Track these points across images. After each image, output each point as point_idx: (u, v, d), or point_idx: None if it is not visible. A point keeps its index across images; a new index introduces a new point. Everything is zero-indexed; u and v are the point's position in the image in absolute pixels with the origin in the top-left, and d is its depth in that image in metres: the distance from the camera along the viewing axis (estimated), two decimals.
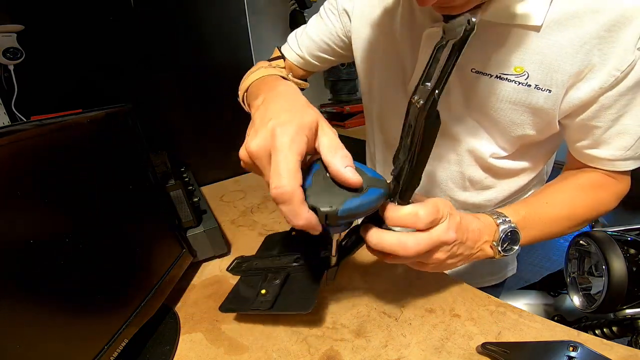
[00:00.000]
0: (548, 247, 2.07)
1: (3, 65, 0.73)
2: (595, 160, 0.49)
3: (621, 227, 0.84)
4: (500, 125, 0.49)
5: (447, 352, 0.43)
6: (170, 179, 0.64)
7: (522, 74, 0.44)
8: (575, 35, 0.41)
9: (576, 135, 0.49)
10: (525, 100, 0.46)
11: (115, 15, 0.83)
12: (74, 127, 0.43)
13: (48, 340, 0.35)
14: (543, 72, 0.43)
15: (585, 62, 0.41)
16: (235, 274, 0.60)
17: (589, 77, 0.42)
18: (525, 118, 0.48)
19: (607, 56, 0.40)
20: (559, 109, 0.45)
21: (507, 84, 0.45)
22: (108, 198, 0.46)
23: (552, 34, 0.42)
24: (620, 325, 0.76)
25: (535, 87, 0.44)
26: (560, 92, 0.44)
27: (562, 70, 0.42)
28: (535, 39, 0.42)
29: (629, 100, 0.42)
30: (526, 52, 0.43)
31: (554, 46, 0.42)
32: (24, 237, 0.34)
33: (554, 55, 0.42)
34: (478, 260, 0.65)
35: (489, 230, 0.43)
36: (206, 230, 0.66)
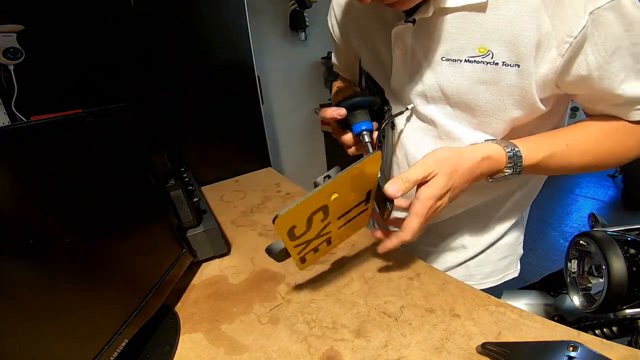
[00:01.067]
0: (548, 247, 2.07)
1: (3, 65, 0.73)
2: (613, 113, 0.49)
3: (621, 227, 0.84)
4: (482, 110, 0.49)
5: (447, 352, 0.43)
6: (170, 179, 0.64)
7: (487, 53, 0.45)
8: (520, 6, 0.42)
9: (583, 103, 0.50)
10: (497, 79, 0.46)
11: (115, 15, 0.83)
12: (74, 127, 0.43)
13: (48, 340, 0.35)
14: (505, 48, 0.44)
15: (539, 31, 0.42)
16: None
17: (549, 46, 0.43)
18: (504, 99, 0.48)
19: (556, 23, 0.41)
20: (535, 84, 0.45)
21: (476, 65, 0.46)
22: (108, 198, 0.46)
23: (500, 8, 0.43)
24: (620, 325, 0.76)
25: (504, 64, 0.45)
26: (529, 65, 0.44)
27: (522, 43, 0.43)
28: (489, 17, 0.44)
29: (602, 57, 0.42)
30: (485, 32, 0.45)
31: (505, 20, 0.43)
32: (24, 237, 0.34)
33: (509, 29, 0.43)
34: (478, 263, 0.65)
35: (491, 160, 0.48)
36: (206, 230, 0.66)
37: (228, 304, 0.57)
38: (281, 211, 0.42)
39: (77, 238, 0.39)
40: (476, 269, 0.66)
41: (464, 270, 0.66)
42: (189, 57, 0.98)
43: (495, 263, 0.66)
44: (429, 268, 0.59)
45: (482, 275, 0.66)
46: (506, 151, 0.48)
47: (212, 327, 0.53)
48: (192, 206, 0.66)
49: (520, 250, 0.69)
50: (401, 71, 0.53)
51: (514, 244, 0.67)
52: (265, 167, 1.19)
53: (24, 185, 0.35)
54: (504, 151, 0.48)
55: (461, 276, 0.66)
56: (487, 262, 0.66)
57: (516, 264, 0.70)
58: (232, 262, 0.69)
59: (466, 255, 0.65)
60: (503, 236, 0.65)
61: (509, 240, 0.66)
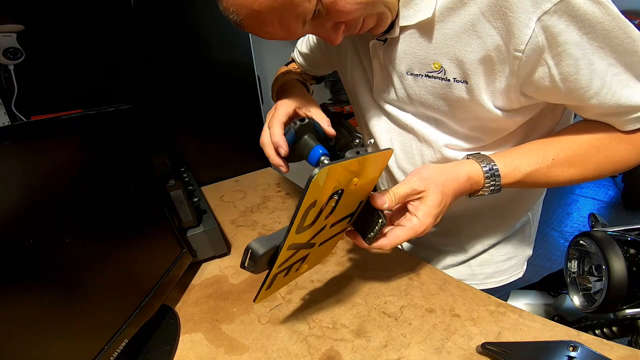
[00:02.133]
0: (548, 247, 2.07)
1: (3, 65, 0.73)
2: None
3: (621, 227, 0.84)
4: (448, 119, 0.51)
5: (447, 352, 0.43)
6: (170, 179, 0.64)
7: (440, 69, 0.46)
8: (462, 20, 0.41)
9: (571, 109, 0.49)
10: (451, 94, 0.47)
11: (115, 15, 0.83)
12: (74, 127, 0.43)
13: (48, 340, 0.35)
14: (454, 64, 0.44)
15: (484, 46, 0.41)
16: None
17: (502, 60, 0.41)
18: (463, 112, 0.48)
19: (503, 34, 0.39)
20: (492, 99, 0.45)
21: (434, 80, 0.47)
22: (108, 198, 0.46)
23: (446, 23, 0.43)
24: (620, 325, 0.76)
25: (455, 80, 0.45)
26: (478, 82, 0.44)
27: (466, 59, 0.43)
28: (438, 33, 0.44)
29: (566, 68, 0.39)
30: (437, 48, 0.45)
31: (451, 35, 0.43)
32: (24, 237, 0.34)
33: (454, 45, 0.43)
34: (481, 263, 0.65)
35: (471, 181, 0.47)
36: (206, 230, 0.66)
37: (228, 304, 0.57)
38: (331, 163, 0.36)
39: (77, 238, 0.40)
40: (479, 269, 0.66)
41: (466, 270, 0.66)
42: (189, 57, 0.97)
43: (499, 264, 0.66)
44: (429, 268, 0.59)
45: (485, 276, 0.66)
46: (484, 171, 0.46)
47: (212, 327, 0.53)
48: (192, 206, 0.66)
49: (528, 251, 0.68)
50: (380, 81, 0.55)
51: (519, 245, 0.66)
52: (265, 167, 1.19)
53: (24, 185, 0.35)
54: (482, 172, 0.46)
55: (463, 275, 0.66)
56: (490, 263, 0.65)
57: (522, 266, 0.69)
58: (232, 262, 0.69)
59: (467, 255, 0.65)
60: (507, 237, 0.64)
61: (513, 242, 0.65)
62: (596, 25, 0.37)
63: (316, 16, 0.40)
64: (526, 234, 0.66)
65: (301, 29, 0.41)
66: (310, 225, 0.42)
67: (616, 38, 0.37)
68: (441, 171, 0.46)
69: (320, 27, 0.43)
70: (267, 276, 0.44)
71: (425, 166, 0.47)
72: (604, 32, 0.37)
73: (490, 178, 0.46)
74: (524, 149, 0.48)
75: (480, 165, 0.46)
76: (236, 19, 0.40)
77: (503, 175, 0.46)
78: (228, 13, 0.40)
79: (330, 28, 0.43)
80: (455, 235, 0.64)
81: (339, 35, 0.44)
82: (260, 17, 0.38)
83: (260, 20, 0.39)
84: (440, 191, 0.44)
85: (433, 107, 0.50)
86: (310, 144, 0.49)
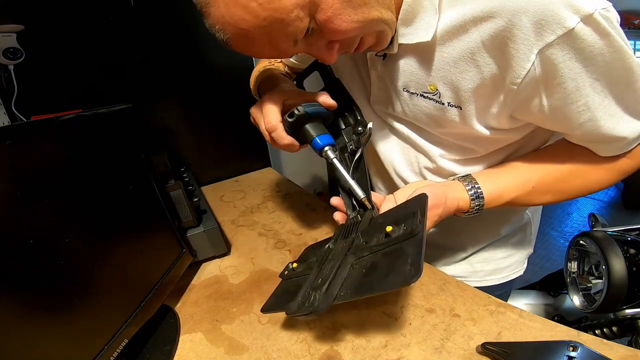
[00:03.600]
0: (548, 247, 2.07)
1: (3, 65, 0.73)
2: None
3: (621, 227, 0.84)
4: (442, 135, 0.51)
5: (447, 352, 0.43)
6: (170, 179, 0.64)
7: (435, 92, 0.46)
8: (462, 46, 0.40)
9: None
10: (444, 116, 0.47)
11: (115, 15, 0.83)
12: (74, 127, 0.43)
13: (48, 340, 0.35)
14: (449, 89, 0.44)
15: (481, 74, 0.40)
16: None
17: (496, 89, 0.41)
18: (455, 132, 0.49)
19: (501, 64, 0.38)
20: (480, 124, 0.45)
21: (429, 101, 0.47)
22: (108, 198, 0.46)
23: (446, 47, 0.42)
24: (620, 325, 0.76)
25: (449, 105, 0.45)
26: (471, 109, 0.44)
27: (462, 86, 0.42)
28: (437, 56, 0.43)
29: (558, 100, 0.39)
30: (434, 70, 0.44)
31: (449, 61, 0.42)
32: (24, 237, 0.34)
33: (452, 70, 0.42)
34: (481, 260, 0.65)
35: (459, 203, 0.49)
36: (206, 230, 0.66)
37: (228, 304, 0.57)
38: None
39: (77, 238, 0.40)
40: (479, 266, 0.66)
41: (467, 267, 0.66)
42: (189, 57, 0.97)
43: (499, 261, 0.66)
44: (429, 268, 0.59)
45: (485, 273, 0.66)
46: (470, 198, 0.49)
47: (212, 327, 0.53)
48: (192, 206, 0.66)
49: (529, 249, 0.69)
50: (378, 92, 0.54)
51: (519, 242, 0.66)
52: (265, 167, 1.19)
53: (24, 185, 0.35)
54: (468, 200, 0.49)
55: (464, 272, 0.66)
56: (491, 260, 0.65)
57: (522, 264, 0.69)
58: (232, 262, 0.69)
59: (467, 252, 0.65)
60: (507, 235, 0.64)
61: (514, 240, 0.66)
62: (597, 57, 0.35)
63: (309, 35, 0.38)
64: (527, 232, 0.67)
65: (292, 48, 0.39)
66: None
67: (615, 69, 0.37)
68: (442, 192, 0.47)
69: (313, 46, 0.41)
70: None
71: (421, 185, 0.50)
72: (603, 64, 0.36)
73: (475, 201, 0.49)
74: (508, 175, 0.51)
75: (468, 194, 0.49)
76: (223, 38, 0.37)
77: (486, 202, 0.49)
78: (214, 31, 0.37)
79: (323, 47, 0.41)
80: (455, 233, 0.64)
81: (333, 54, 0.42)
82: (248, 36, 0.36)
83: (248, 40, 0.37)
84: (436, 206, 0.46)
85: (427, 124, 0.51)
86: (310, 135, 0.48)
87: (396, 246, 0.37)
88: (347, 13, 0.36)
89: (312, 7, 0.35)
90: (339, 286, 0.37)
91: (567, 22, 0.33)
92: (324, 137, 0.48)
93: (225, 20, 0.35)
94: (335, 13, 0.36)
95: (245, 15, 0.34)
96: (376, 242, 0.40)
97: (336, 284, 0.37)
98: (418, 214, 0.38)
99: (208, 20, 0.37)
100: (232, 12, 0.34)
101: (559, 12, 0.33)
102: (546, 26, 0.34)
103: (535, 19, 0.34)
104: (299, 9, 0.34)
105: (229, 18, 0.35)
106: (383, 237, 0.40)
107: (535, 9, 0.34)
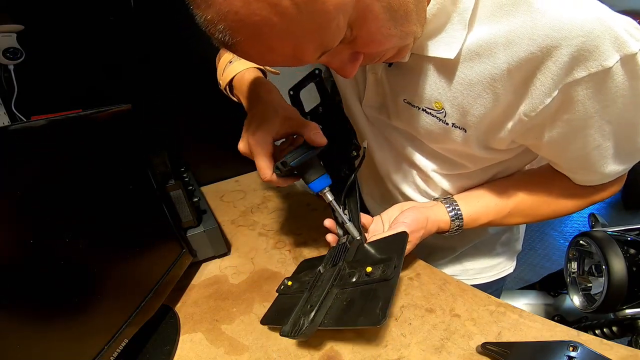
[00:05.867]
0: (548, 247, 2.07)
1: (3, 65, 0.73)
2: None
3: (621, 227, 0.84)
4: (432, 149, 0.51)
5: (447, 352, 0.43)
6: (170, 179, 0.64)
7: (441, 110, 0.44)
8: (486, 70, 0.37)
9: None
10: (446, 135, 0.46)
11: (115, 15, 0.83)
12: (74, 127, 0.43)
13: (48, 340, 0.35)
14: (457, 111, 0.42)
15: (496, 102, 0.38)
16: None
17: (506, 117, 0.40)
18: (451, 150, 0.49)
19: (520, 96, 0.36)
20: (480, 147, 0.45)
21: (431, 117, 0.45)
22: (108, 198, 0.46)
23: (466, 66, 0.38)
24: (620, 325, 0.76)
25: (453, 126, 0.44)
26: (475, 133, 0.43)
27: (472, 111, 0.41)
28: (454, 73, 0.40)
29: (561, 136, 0.39)
30: (443, 87, 0.41)
31: (465, 83, 0.39)
32: (24, 237, 0.34)
33: (465, 94, 0.40)
34: (470, 257, 0.67)
35: (440, 225, 0.52)
36: (206, 230, 0.66)
37: (228, 304, 0.57)
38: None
39: (77, 238, 0.39)
40: (469, 264, 0.66)
41: (457, 266, 0.67)
42: (189, 57, 0.97)
43: (488, 259, 0.66)
44: (429, 268, 0.59)
45: (475, 271, 0.67)
46: (450, 219, 0.52)
47: (212, 327, 0.53)
48: (192, 206, 0.66)
49: (517, 246, 0.69)
50: (372, 96, 0.53)
51: (507, 240, 0.67)
52: None
53: (24, 185, 0.34)
54: (449, 220, 0.52)
55: (455, 271, 0.67)
56: (479, 258, 0.66)
57: (512, 261, 0.69)
58: (232, 262, 0.69)
59: (456, 251, 0.65)
60: (495, 233, 0.65)
61: (502, 237, 0.66)
62: (618, 100, 0.34)
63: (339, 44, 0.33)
64: (514, 230, 0.67)
65: (314, 59, 0.33)
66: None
67: (629, 112, 0.35)
68: (425, 216, 0.50)
69: (336, 57, 0.35)
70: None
71: (406, 207, 0.52)
72: (622, 106, 0.35)
73: (455, 222, 0.52)
74: (487, 198, 0.52)
75: (448, 216, 0.52)
76: (227, 40, 0.29)
77: (465, 223, 0.52)
78: (214, 30, 0.28)
79: (347, 58, 0.36)
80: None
81: (355, 67, 0.37)
82: (267, 42, 0.29)
83: (265, 45, 0.29)
84: (418, 229, 0.49)
85: (423, 136, 0.50)
86: (306, 180, 0.48)
87: (372, 286, 0.41)
88: (389, 25, 0.32)
89: (354, 15, 0.29)
90: (323, 315, 0.42)
91: (606, 60, 0.31)
92: (320, 180, 0.47)
93: (239, 17, 0.26)
94: (377, 24, 0.31)
95: (273, 15, 0.26)
96: (357, 278, 0.44)
97: (321, 313, 0.42)
98: (395, 259, 0.42)
99: (206, 14, 0.28)
100: (253, 9, 0.26)
101: (602, 47, 0.30)
102: (583, 62, 0.31)
103: (575, 51, 0.31)
104: (342, 16, 0.28)
105: (244, 16, 0.26)
106: (364, 275, 0.44)
107: (579, 40, 0.31)
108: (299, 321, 0.43)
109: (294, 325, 0.43)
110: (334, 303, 0.43)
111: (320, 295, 0.44)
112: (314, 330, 0.41)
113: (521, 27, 0.33)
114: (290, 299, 0.50)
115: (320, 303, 0.42)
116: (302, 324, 0.42)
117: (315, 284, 0.48)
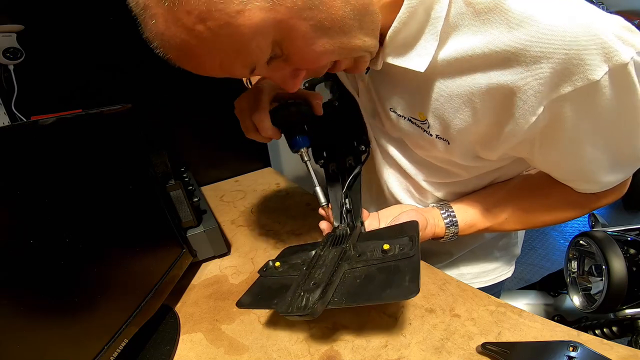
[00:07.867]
0: (548, 247, 2.07)
1: (3, 65, 0.73)
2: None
3: (621, 227, 0.84)
4: (423, 157, 0.50)
5: (447, 352, 0.43)
6: (170, 179, 0.64)
7: (424, 121, 0.43)
8: (465, 86, 0.36)
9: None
10: (429, 145, 0.45)
11: (115, 15, 0.83)
12: (74, 127, 0.43)
13: (48, 340, 0.35)
14: (439, 123, 0.42)
15: (474, 116, 0.37)
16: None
17: (491, 136, 0.39)
18: (442, 159, 0.48)
19: (502, 116, 0.35)
20: (465, 158, 0.45)
21: (416, 127, 0.45)
22: (108, 198, 0.46)
23: (445, 76, 0.37)
24: (620, 325, 0.76)
25: (437, 137, 0.43)
26: (458, 145, 0.42)
27: (454, 125, 0.40)
28: (433, 84, 0.39)
29: (547, 149, 0.38)
30: (426, 98, 0.40)
31: (446, 95, 0.38)
32: (24, 237, 0.34)
33: (445, 105, 0.39)
34: (467, 262, 0.66)
35: (435, 230, 0.52)
36: (206, 230, 0.66)
37: (228, 304, 0.57)
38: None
39: (77, 238, 0.39)
40: (466, 269, 0.66)
41: (453, 270, 0.66)
42: None
43: (485, 264, 0.66)
44: (429, 268, 0.59)
45: (472, 275, 0.66)
46: (445, 226, 0.52)
47: (212, 327, 0.53)
48: (192, 206, 0.66)
49: (515, 251, 0.68)
50: (365, 102, 0.53)
51: (505, 245, 0.66)
52: (265, 167, 1.19)
53: (23, 185, 0.34)
54: (444, 226, 0.52)
55: (452, 275, 0.66)
56: (476, 262, 0.65)
57: (509, 266, 0.68)
58: (232, 262, 0.69)
59: (452, 255, 0.65)
60: (492, 238, 0.64)
61: (500, 242, 0.65)
62: (609, 114, 0.32)
63: (271, 61, 0.33)
64: (512, 235, 0.67)
65: (249, 74, 0.34)
66: None
67: (623, 125, 0.34)
68: (423, 219, 0.49)
69: (276, 72, 0.36)
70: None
71: (407, 208, 0.52)
72: (615, 119, 0.33)
73: (450, 228, 0.51)
74: (484, 205, 0.52)
75: (443, 222, 0.51)
76: (163, 55, 0.32)
77: (460, 230, 0.52)
78: (153, 47, 0.31)
79: (288, 74, 0.36)
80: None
81: (297, 82, 0.37)
82: (193, 60, 0.31)
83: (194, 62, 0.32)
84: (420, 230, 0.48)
85: (412, 145, 0.50)
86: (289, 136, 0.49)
87: (392, 264, 0.40)
88: (321, 43, 0.31)
89: (277, 35, 0.29)
90: (333, 291, 0.40)
91: (592, 72, 0.28)
92: (300, 139, 0.49)
93: (165, 39, 0.29)
94: (307, 42, 0.31)
95: (190, 38, 0.28)
96: (370, 256, 0.43)
97: (331, 289, 0.40)
98: (415, 239, 0.42)
99: (145, 33, 0.31)
100: (173, 32, 0.28)
101: (588, 58, 0.28)
102: (568, 76, 0.29)
103: (557, 65, 0.29)
104: (261, 37, 0.29)
105: (168, 37, 0.28)
106: (378, 253, 0.43)
107: (562, 53, 0.28)
108: (299, 298, 0.39)
109: (292, 303, 0.40)
110: (343, 280, 0.41)
111: (326, 273, 0.41)
112: (323, 307, 0.38)
113: (497, 40, 0.31)
114: (279, 280, 0.49)
115: (329, 279, 0.40)
116: (307, 301, 0.38)
117: (315, 263, 0.45)
